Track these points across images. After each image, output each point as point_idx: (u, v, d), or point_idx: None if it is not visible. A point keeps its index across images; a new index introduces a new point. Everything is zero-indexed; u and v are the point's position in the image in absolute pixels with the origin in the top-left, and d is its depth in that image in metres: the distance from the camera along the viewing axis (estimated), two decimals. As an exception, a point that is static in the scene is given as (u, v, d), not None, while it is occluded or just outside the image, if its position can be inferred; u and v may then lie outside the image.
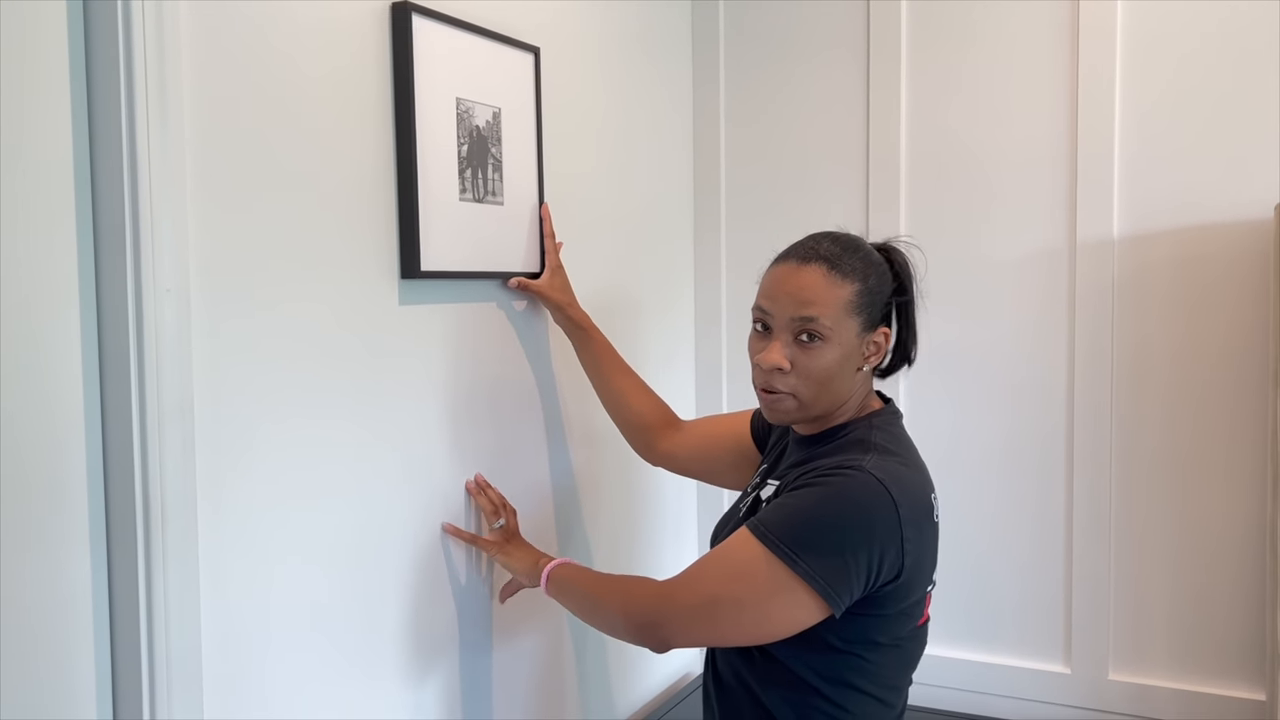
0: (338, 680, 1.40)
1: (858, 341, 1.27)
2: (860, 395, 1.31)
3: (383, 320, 1.46)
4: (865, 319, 1.27)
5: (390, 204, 1.47)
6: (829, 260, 1.25)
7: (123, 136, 1.11)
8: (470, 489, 1.63)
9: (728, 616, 1.21)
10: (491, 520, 1.61)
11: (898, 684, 1.29)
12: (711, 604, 1.21)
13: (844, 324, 1.25)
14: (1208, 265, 1.92)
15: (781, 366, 1.25)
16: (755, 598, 1.19)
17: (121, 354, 1.13)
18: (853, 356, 1.27)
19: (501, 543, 1.58)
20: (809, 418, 1.30)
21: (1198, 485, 1.96)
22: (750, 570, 1.18)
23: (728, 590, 1.20)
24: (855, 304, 1.25)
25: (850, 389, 1.29)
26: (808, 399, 1.27)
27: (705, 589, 1.23)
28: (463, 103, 1.56)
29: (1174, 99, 1.93)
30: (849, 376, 1.28)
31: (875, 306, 1.28)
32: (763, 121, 2.29)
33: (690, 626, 1.24)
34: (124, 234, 1.12)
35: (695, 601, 1.22)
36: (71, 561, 1.12)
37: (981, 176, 2.09)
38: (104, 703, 1.16)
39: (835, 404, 1.29)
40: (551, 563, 1.46)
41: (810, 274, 1.25)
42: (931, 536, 1.25)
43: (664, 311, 2.24)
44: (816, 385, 1.25)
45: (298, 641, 1.34)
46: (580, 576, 1.42)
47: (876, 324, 1.29)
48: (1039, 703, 2.08)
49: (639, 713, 2.14)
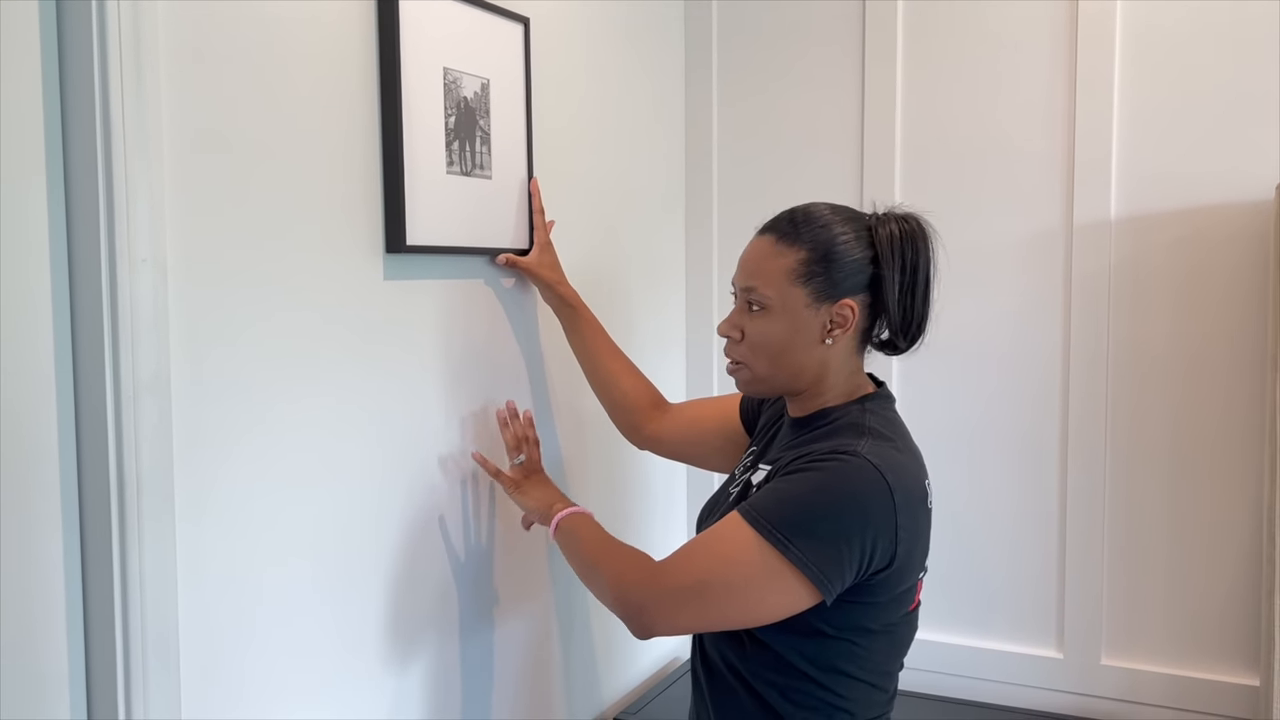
0: (322, 668, 1.36)
1: (809, 312, 1.23)
2: (844, 373, 1.27)
3: (367, 296, 1.42)
4: (815, 289, 1.23)
5: (375, 176, 1.42)
6: (778, 230, 1.26)
7: (95, 100, 1.07)
8: (499, 418, 1.63)
9: (716, 602, 1.18)
10: (512, 456, 1.60)
11: (889, 669, 1.26)
12: (699, 589, 1.18)
13: (788, 293, 1.23)
14: (1206, 247, 1.90)
15: (730, 335, 1.29)
16: (745, 583, 1.16)
17: (95, 327, 1.09)
18: (805, 327, 1.24)
19: (519, 480, 1.57)
20: (774, 390, 1.30)
21: (1193, 469, 1.94)
22: (740, 555, 1.15)
23: (716, 575, 1.17)
24: (799, 273, 1.23)
25: (813, 363, 1.26)
26: (762, 371, 1.27)
27: (693, 573, 1.20)
28: (450, 73, 1.52)
29: (1174, 76, 1.90)
30: (806, 348, 1.25)
31: (831, 277, 1.23)
32: (757, 98, 2.25)
33: (677, 612, 1.21)
34: (97, 201, 1.07)
35: (683, 586, 1.20)
36: (42, 545, 1.08)
37: (976, 157, 2.06)
38: (78, 692, 1.11)
39: (798, 377, 1.26)
40: (563, 511, 1.42)
41: (758, 244, 1.28)
42: (925, 523, 1.23)
43: (655, 290, 2.21)
44: (765, 356, 1.26)
45: (280, 628, 1.30)
46: (586, 534, 1.37)
47: (838, 296, 1.23)
48: (1031, 688, 2.07)
49: (626, 697, 2.12)
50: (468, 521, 1.63)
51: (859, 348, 1.29)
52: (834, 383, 1.27)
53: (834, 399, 1.27)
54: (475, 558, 1.65)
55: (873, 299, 1.25)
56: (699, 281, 2.32)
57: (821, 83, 2.19)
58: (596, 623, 2.01)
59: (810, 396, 1.29)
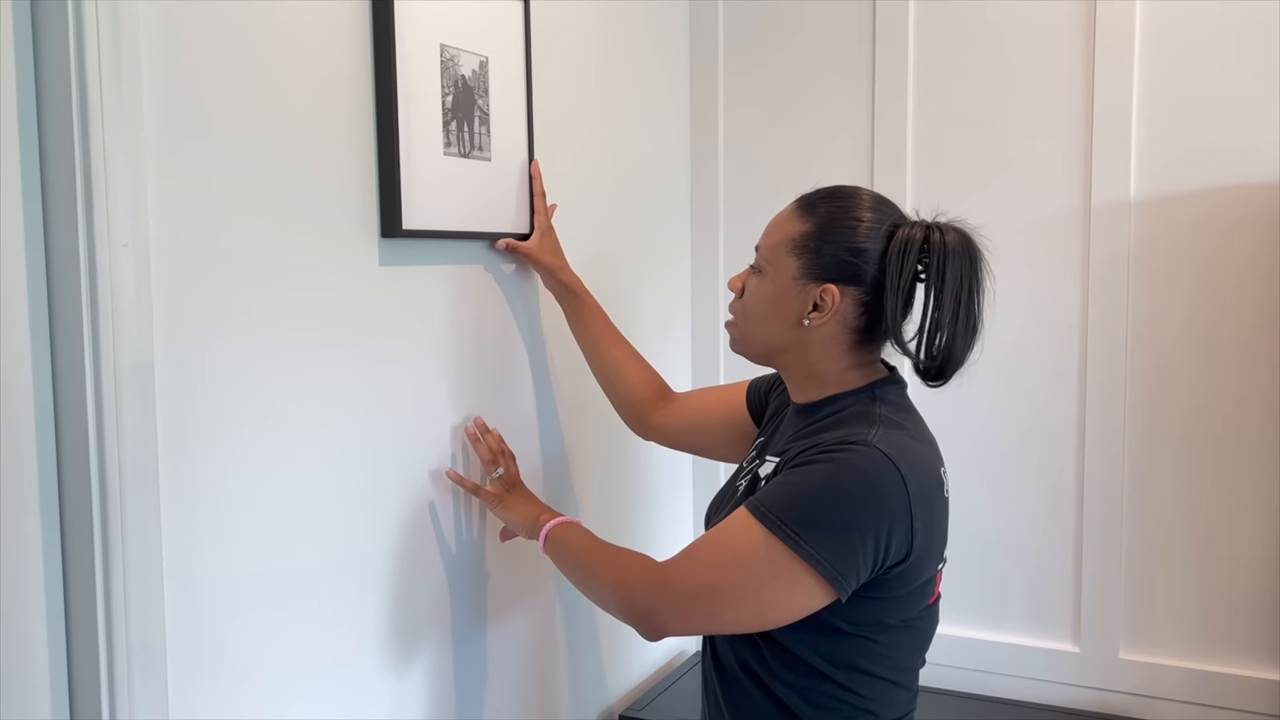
0: (317, 667, 1.31)
1: (795, 286, 1.19)
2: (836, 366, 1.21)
3: (362, 281, 1.37)
4: (806, 264, 1.19)
5: (369, 156, 1.37)
6: (805, 199, 1.24)
7: (71, 75, 1.01)
8: (469, 435, 1.55)
9: (728, 604, 1.13)
10: (490, 470, 1.54)
11: (910, 665, 1.22)
12: (710, 591, 1.14)
13: (782, 261, 1.21)
14: (1229, 229, 1.84)
15: (732, 288, 1.29)
16: (756, 583, 1.11)
17: (74, 315, 1.04)
18: (787, 301, 1.20)
19: (501, 494, 1.51)
20: (754, 355, 1.28)
21: (1213, 458, 1.89)
22: (750, 554, 1.10)
23: (727, 576, 1.13)
24: (798, 244, 1.20)
25: (792, 342, 1.21)
26: (746, 332, 1.27)
27: (703, 575, 1.15)
28: (447, 50, 1.46)
29: (1194, 51, 1.84)
30: (784, 324, 1.21)
31: (824, 257, 1.17)
32: (764, 75, 2.19)
33: (688, 615, 1.17)
34: (74, 182, 1.02)
35: (692, 588, 1.15)
36: (20, 542, 1.03)
37: (991, 136, 2.00)
38: (59, 695, 1.07)
39: (776, 351, 1.24)
40: (551, 521, 1.36)
41: (786, 208, 1.25)
42: (942, 514, 1.17)
43: (659, 276, 2.16)
44: (751, 319, 1.25)
45: (272, 627, 1.25)
46: (579, 542, 1.32)
47: (825, 279, 1.18)
48: (1048, 682, 2.02)
49: (633, 692, 2.07)
50: (468, 513, 1.59)
51: (854, 345, 1.20)
52: (826, 370, 1.22)
53: (837, 386, 1.22)
54: (476, 550, 1.61)
55: (872, 299, 1.18)
56: (704, 266, 2.27)
57: (832, 58, 2.12)
58: (601, 617, 1.96)
59: (805, 380, 1.24)
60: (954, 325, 1.16)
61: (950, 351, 1.17)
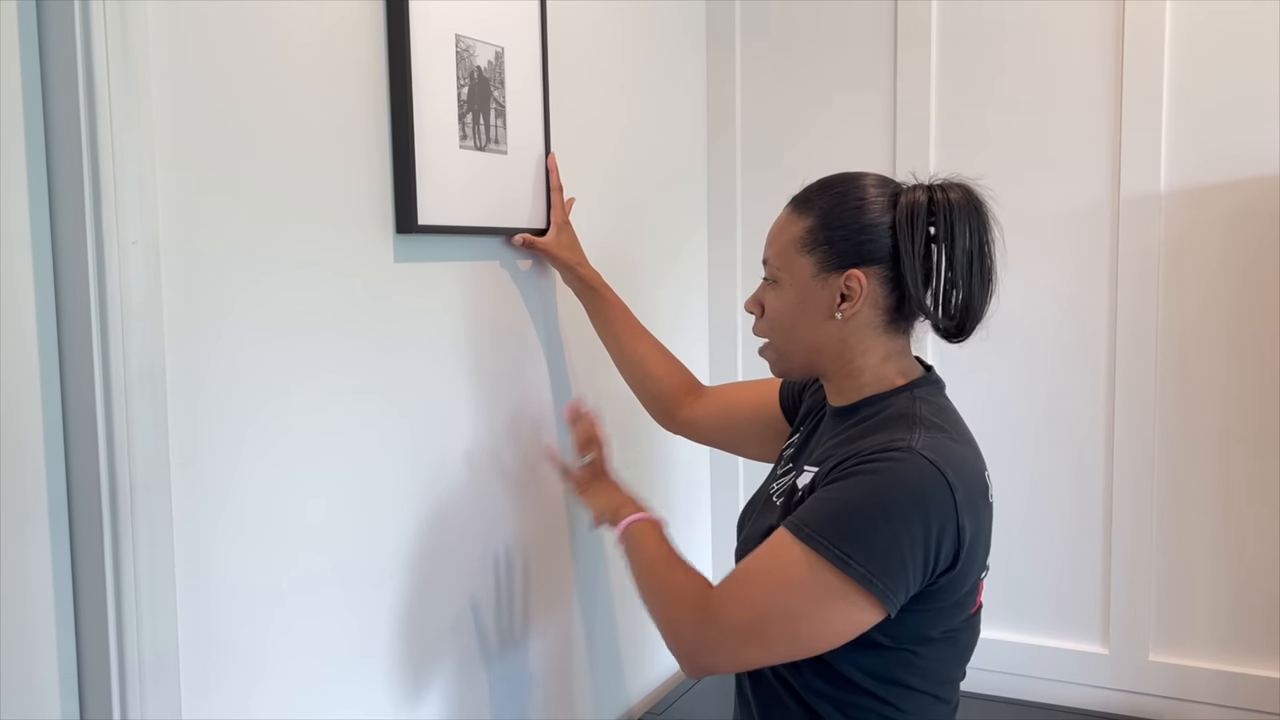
0: (335, 671, 1.29)
1: (816, 284, 1.15)
2: (875, 355, 1.16)
3: (376, 278, 1.34)
4: (821, 258, 1.14)
5: (384, 150, 1.33)
6: (797, 198, 1.20)
7: (78, 66, 0.98)
8: (566, 416, 1.57)
9: (779, 634, 1.08)
10: (581, 454, 1.52)
11: (952, 677, 1.17)
12: (759, 623, 1.08)
13: (794, 263, 1.17)
14: (1262, 222, 1.79)
15: (751, 310, 1.25)
16: (807, 609, 1.06)
17: (82, 315, 1.01)
18: (813, 300, 1.16)
19: (585, 481, 1.48)
20: (801, 371, 1.23)
21: (1245, 458, 1.84)
22: (797, 579, 1.05)
23: (775, 605, 1.07)
24: (805, 241, 1.16)
25: (830, 340, 1.16)
26: (781, 347, 1.22)
27: (750, 606, 1.09)
28: (462, 40, 1.42)
29: (1227, 37, 1.79)
30: (817, 323, 1.16)
31: (837, 245, 1.14)
32: (782, 65, 2.15)
33: (738, 651, 1.10)
34: (82, 178, 0.99)
35: (741, 622, 1.09)
36: (29, 547, 1.00)
37: (1017, 126, 1.96)
38: (69, 703, 1.04)
39: (817, 355, 1.18)
40: (630, 517, 1.30)
41: (781, 214, 1.22)
42: (987, 519, 1.12)
43: (678, 270, 2.12)
44: (781, 332, 1.21)
45: (286, 634, 1.22)
46: (648, 551, 1.24)
47: (844, 266, 1.14)
48: (1076, 684, 1.98)
49: (652, 695, 2.04)
50: (486, 515, 1.55)
51: (888, 326, 1.16)
52: (865, 365, 1.17)
53: (874, 385, 1.17)
54: (494, 550, 1.57)
55: (894, 272, 1.14)
56: (723, 260, 2.23)
57: (851, 45, 2.08)
58: (621, 619, 1.93)
59: (844, 381, 1.19)
60: (969, 280, 1.14)
61: (968, 306, 1.15)
